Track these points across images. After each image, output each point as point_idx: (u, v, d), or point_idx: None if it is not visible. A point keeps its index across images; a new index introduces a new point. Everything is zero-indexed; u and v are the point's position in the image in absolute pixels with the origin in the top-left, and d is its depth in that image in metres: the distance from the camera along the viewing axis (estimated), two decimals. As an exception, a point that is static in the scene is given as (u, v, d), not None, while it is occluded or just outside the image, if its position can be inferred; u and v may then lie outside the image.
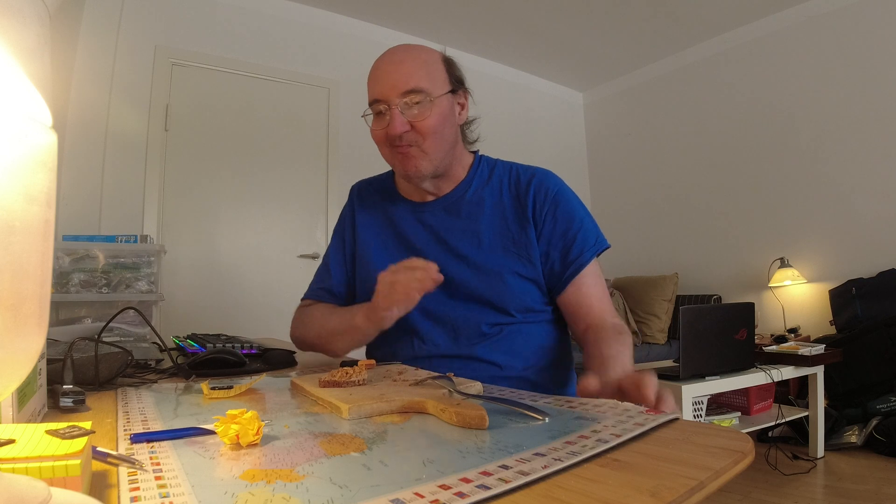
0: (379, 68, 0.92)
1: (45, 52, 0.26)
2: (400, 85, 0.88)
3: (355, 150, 3.30)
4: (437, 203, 1.00)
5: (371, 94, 0.92)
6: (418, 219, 1.01)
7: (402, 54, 0.91)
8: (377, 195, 1.08)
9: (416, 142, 0.91)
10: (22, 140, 0.24)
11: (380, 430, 0.48)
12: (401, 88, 0.88)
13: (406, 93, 0.88)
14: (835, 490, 2.05)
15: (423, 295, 0.90)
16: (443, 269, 0.93)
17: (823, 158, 3.27)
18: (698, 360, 2.10)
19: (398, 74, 0.89)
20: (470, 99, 1.00)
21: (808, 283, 3.28)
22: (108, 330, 0.92)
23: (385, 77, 0.90)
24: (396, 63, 0.90)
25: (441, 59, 0.95)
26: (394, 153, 0.93)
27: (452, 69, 0.96)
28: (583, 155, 4.80)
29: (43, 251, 0.25)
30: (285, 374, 0.84)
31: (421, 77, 0.89)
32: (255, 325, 2.66)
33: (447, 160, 0.96)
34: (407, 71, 0.89)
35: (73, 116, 2.50)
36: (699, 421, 0.72)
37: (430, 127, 0.90)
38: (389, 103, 0.89)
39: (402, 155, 0.92)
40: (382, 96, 0.90)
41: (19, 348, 0.24)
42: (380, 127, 0.92)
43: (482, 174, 1.02)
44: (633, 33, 3.73)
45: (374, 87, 0.91)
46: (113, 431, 0.50)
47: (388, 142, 0.92)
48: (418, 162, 0.92)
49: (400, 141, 0.90)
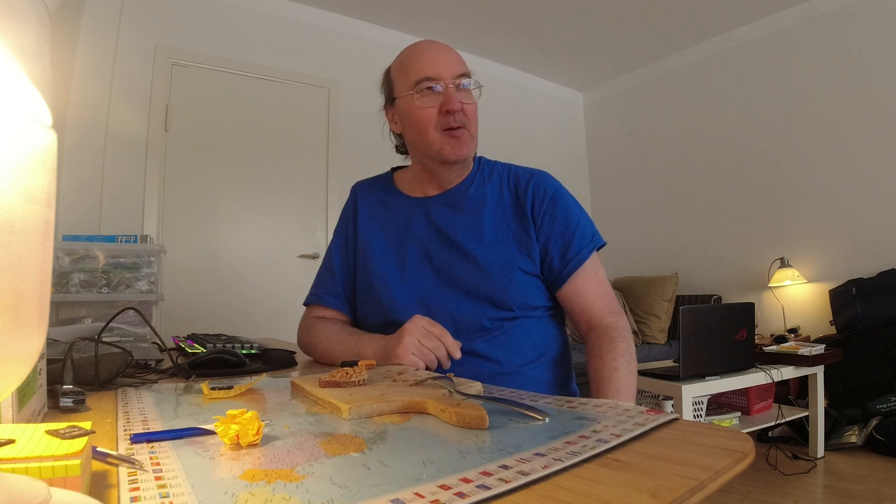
0: (428, 50, 0.94)
1: (45, 52, 0.26)
2: (456, 66, 0.92)
3: (355, 150, 3.31)
4: (440, 198, 1.02)
5: (422, 72, 0.92)
6: (422, 213, 1.02)
7: (444, 44, 0.96)
8: (379, 193, 1.09)
9: (465, 124, 0.93)
10: (22, 140, 0.24)
11: (380, 431, 0.48)
12: (456, 70, 0.92)
13: (461, 74, 0.92)
14: (835, 490, 2.05)
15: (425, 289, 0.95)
16: (445, 264, 0.97)
17: (823, 158, 3.27)
18: (698, 360, 2.10)
19: (451, 57, 0.93)
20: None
21: (808, 283, 3.28)
22: (108, 330, 0.92)
23: (441, 56, 0.93)
24: (445, 48, 0.94)
25: None
26: (445, 136, 0.93)
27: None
28: (583, 155, 4.80)
29: (43, 251, 0.25)
30: (285, 374, 0.84)
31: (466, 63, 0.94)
32: (255, 325, 2.66)
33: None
34: (457, 56, 0.94)
35: (73, 116, 2.50)
36: (699, 421, 0.72)
37: (474, 112, 0.94)
38: (445, 82, 0.91)
39: (456, 138, 0.93)
40: (437, 75, 0.91)
41: (19, 348, 0.24)
42: (429, 105, 0.92)
43: (483, 173, 1.04)
44: (633, 33, 3.73)
45: (426, 66, 0.92)
46: (113, 431, 0.50)
47: (441, 124, 0.92)
48: (469, 145, 0.95)
49: (455, 121, 0.92)
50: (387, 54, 1.06)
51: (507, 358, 0.92)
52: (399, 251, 1.01)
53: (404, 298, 0.97)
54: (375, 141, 1.41)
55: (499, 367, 0.91)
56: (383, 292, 0.99)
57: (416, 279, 0.98)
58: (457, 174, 1.01)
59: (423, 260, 0.99)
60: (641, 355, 3.27)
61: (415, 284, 0.97)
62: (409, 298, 0.97)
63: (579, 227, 0.96)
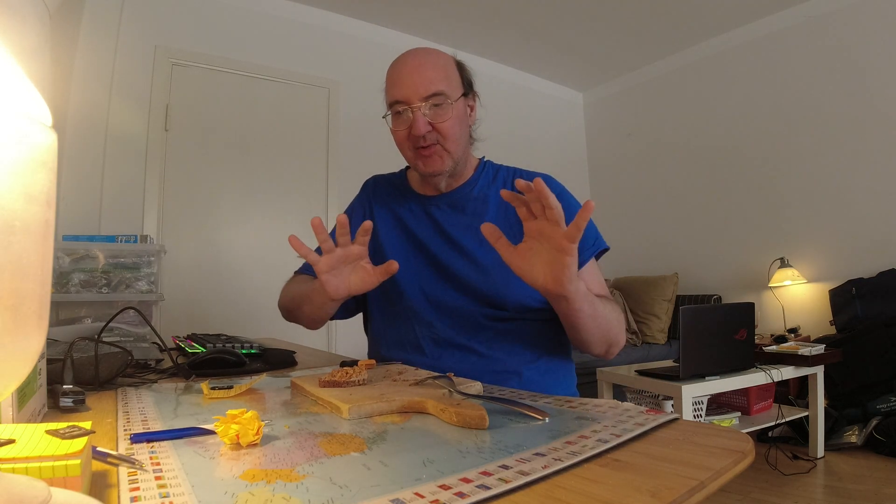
0: (401, 71, 0.95)
1: (45, 52, 0.26)
2: (422, 89, 0.92)
3: (355, 150, 3.31)
4: (443, 198, 1.04)
5: (392, 95, 0.95)
6: (425, 211, 1.05)
7: (423, 58, 0.95)
8: (391, 189, 1.12)
9: (437, 141, 0.95)
10: (22, 140, 0.24)
11: (380, 430, 0.48)
12: (423, 93, 0.92)
13: (428, 96, 0.92)
14: (835, 490, 2.05)
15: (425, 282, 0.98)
16: (445, 262, 0.99)
17: (823, 158, 3.26)
18: (698, 360, 2.10)
19: (420, 78, 0.92)
20: (477, 101, 1.04)
21: (808, 283, 3.28)
22: (108, 330, 0.92)
23: (408, 80, 0.93)
24: (418, 67, 0.94)
25: (454, 63, 1.00)
26: (417, 154, 0.96)
27: (464, 73, 1.01)
28: (583, 155, 4.80)
29: (43, 251, 0.25)
30: (285, 374, 0.84)
31: (441, 81, 0.93)
32: (255, 325, 2.66)
33: (463, 159, 1.01)
34: (428, 76, 0.93)
35: (73, 116, 2.49)
36: (699, 421, 0.72)
37: (450, 128, 0.94)
38: (412, 105, 0.92)
39: (426, 156, 0.95)
40: (405, 98, 0.93)
41: (19, 348, 0.24)
42: (400, 127, 0.95)
43: (487, 175, 1.06)
44: (633, 33, 3.73)
45: (397, 90, 0.94)
46: (113, 431, 0.50)
47: (412, 143, 0.95)
48: (442, 161, 0.96)
49: (424, 141, 0.94)
50: (387, 54, 1.06)
51: (503, 357, 0.93)
52: (404, 244, 1.04)
53: (410, 285, 1.00)
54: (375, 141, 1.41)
55: (495, 365, 0.92)
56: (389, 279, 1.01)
57: (417, 271, 1.01)
58: (450, 180, 1.03)
59: (425, 256, 1.01)
60: (641, 355, 3.27)
61: (415, 276, 1.00)
62: (411, 286, 1.00)
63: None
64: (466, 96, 1.00)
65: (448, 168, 0.97)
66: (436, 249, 1.00)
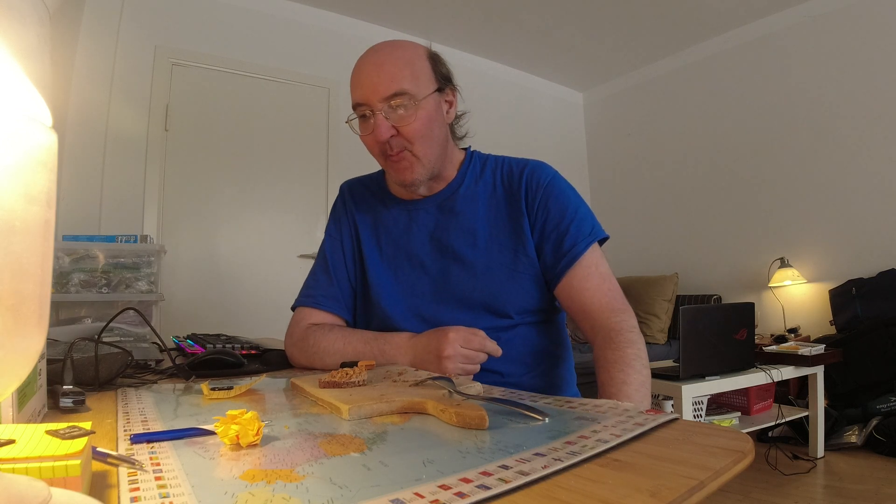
0: (360, 70, 0.86)
1: (45, 52, 0.26)
2: (381, 89, 0.83)
3: (355, 150, 3.26)
4: (430, 200, 0.97)
5: (353, 97, 0.87)
6: (411, 218, 0.97)
7: (385, 55, 0.86)
8: (368, 195, 1.04)
9: (405, 146, 0.87)
10: (22, 140, 0.24)
11: (380, 431, 0.48)
12: (382, 93, 0.83)
13: (389, 97, 0.83)
14: (835, 490, 2.05)
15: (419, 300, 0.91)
16: (438, 272, 0.93)
17: (823, 158, 3.26)
18: (698, 360, 2.10)
19: (380, 77, 0.84)
20: (458, 95, 0.95)
21: (808, 283, 3.28)
22: (108, 330, 0.92)
23: (366, 80, 0.85)
24: (378, 65, 0.85)
25: (426, 56, 0.89)
26: (387, 161, 0.89)
27: (438, 65, 0.91)
28: (583, 155, 4.80)
29: (43, 251, 0.25)
30: (285, 375, 0.84)
31: (404, 78, 0.84)
32: (255, 325, 2.66)
33: (440, 161, 0.93)
34: (389, 73, 0.84)
35: (73, 116, 2.49)
36: (699, 421, 0.72)
37: (417, 130, 0.86)
38: (372, 108, 0.85)
39: (395, 163, 0.88)
40: (364, 100, 0.85)
41: (19, 348, 0.24)
42: (366, 132, 0.88)
43: (474, 169, 0.98)
44: (633, 33, 3.73)
45: (356, 91, 0.86)
46: (113, 432, 0.50)
47: (380, 149, 0.88)
48: (413, 168, 0.88)
49: (390, 148, 0.86)
50: (387, 54, 1.05)
51: (509, 370, 0.88)
52: (391, 259, 0.96)
53: (400, 310, 0.93)
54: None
55: (501, 378, 0.88)
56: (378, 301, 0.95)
57: (410, 290, 0.94)
58: (431, 183, 0.95)
59: (416, 269, 0.94)
60: (641, 355, 3.26)
61: (409, 297, 0.94)
62: (404, 310, 0.93)
63: (576, 218, 0.90)
64: (442, 91, 0.90)
65: (421, 175, 0.89)
66: (428, 260, 0.93)
